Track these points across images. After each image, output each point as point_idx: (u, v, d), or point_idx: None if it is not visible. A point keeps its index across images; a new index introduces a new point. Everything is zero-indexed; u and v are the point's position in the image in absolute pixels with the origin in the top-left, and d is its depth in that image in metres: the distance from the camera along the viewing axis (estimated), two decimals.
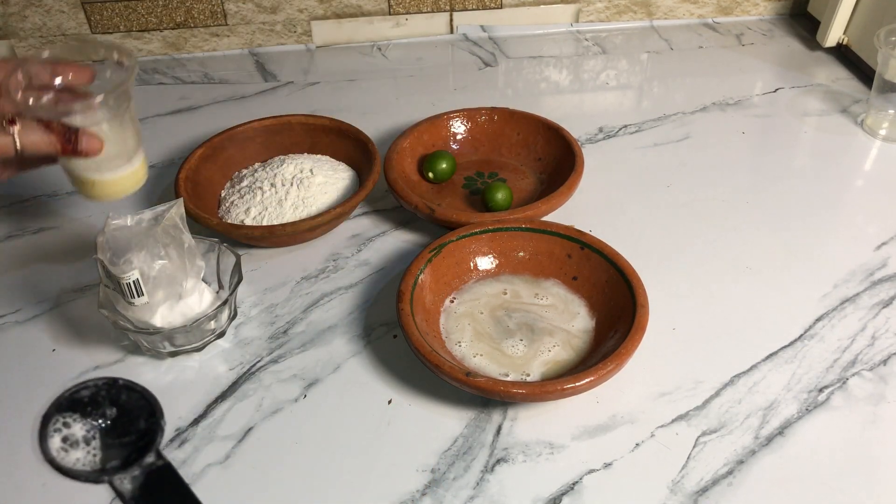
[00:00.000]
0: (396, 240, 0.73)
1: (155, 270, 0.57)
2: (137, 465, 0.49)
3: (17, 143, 0.50)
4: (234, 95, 0.96)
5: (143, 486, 0.48)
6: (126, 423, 0.52)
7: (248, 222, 0.71)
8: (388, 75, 1.00)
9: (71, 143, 0.52)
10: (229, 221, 0.71)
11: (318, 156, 0.79)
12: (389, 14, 1.05)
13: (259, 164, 0.78)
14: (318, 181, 0.73)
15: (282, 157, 0.78)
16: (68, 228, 0.75)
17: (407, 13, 1.05)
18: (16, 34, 1.00)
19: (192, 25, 1.02)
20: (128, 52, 0.56)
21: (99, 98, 0.53)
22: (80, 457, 0.50)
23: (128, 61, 0.57)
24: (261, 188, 0.73)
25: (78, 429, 0.52)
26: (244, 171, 0.77)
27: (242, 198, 0.73)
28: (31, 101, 0.52)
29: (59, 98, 0.54)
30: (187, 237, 0.59)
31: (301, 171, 0.74)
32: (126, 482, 0.48)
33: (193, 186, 0.73)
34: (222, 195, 0.76)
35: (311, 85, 0.98)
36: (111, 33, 1.01)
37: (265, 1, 1.01)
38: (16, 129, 0.50)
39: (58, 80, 0.54)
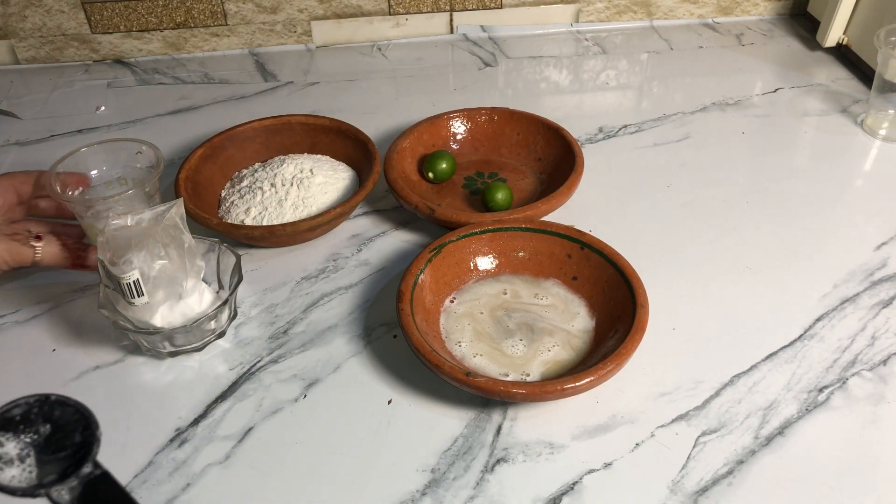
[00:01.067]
0: (396, 240, 0.73)
1: (155, 270, 0.57)
2: (75, 477, 0.49)
3: (37, 256, 0.60)
4: (234, 95, 0.96)
5: (81, 495, 0.49)
6: (61, 438, 0.52)
7: (249, 222, 0.70)
8: (388, 75, 1.00)
9: (81, 259, 0.62)
10: (229, 221, 0.71)
11: (319, 156, 0.79)
12: (389, 14, 1.05)
13: (259, 163, 0.78)
14: (318, 181, 0.73)
15: (282, 157, 0.77)
16: None
17: (407, 13, 1.05)
18: (16, 34, 1.00)
19: (192, 25, 1.02)
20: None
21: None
22: (15, 474, 0.50)
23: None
24: (261, 188, 0.72)
25: (11, 447, 0.52)
26: (244, 171, 0.77)
27: (242, 198, 0.72)
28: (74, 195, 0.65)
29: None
30: (187, 237, 0.59)
31: (301, 171, 0.73)
32: (64, 493, 0.49)
33: (193, 186, 0.73)
34: (222, 195, 0.75)
35: (311, 85, 0.98)
36: (111, 33, 1.01)
37: (265, 1, 1.01)
38: (40, 245, 0.60)
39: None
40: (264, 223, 0.70)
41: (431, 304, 0.62)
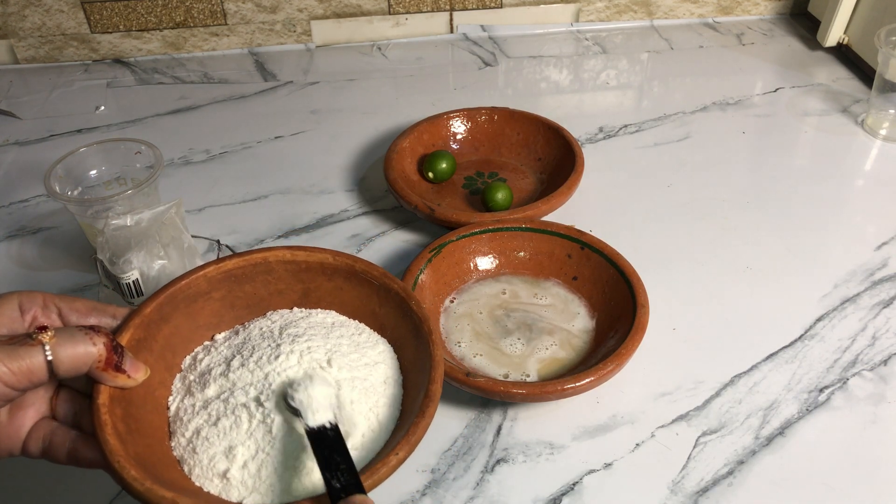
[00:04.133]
0: (396, 240, 0.73)
1: (155, 270, 0.57)
2: None
3: (49, 356, 0.36)
4: (234, 95, 0.96)
5: None
6: None
7: (239, 480, 0.41)
8: (388, 75, 1.00)
9: (119, 353, 0.40)
10: (203, 486, 0.41)
11: (323, 315, 0.50)
12: (389, 14, 1.05)
13: (224, 336, 0.49)
14: (347, 395, 0.44)
15: (264, 325, 0.49)
16: (68, 228, 0.74)
17: (407, 13, 1.05)
18: (15, 34, 1.00)
19: (192, 25, 1.02)
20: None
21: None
22: None
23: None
24: (245, 407, 0.43)
25: None
26: (202, 359, 0.47)
27: (216, 425, 0.43)
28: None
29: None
30: (187, 237, 0.59)
31: (312, 365, 0.45)
32: None
33: (125, 408, 0.41)
34: (172, 408, 0.45)
35: (310, 84, 0.98)
36: (110, 33, 1.01)
37: (265, 1, 1.01)
38: (48, 336, 0.37)
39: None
40: (267, 486, 0.41)
41: (431, 304, 0.62)
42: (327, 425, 0.40)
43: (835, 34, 0.99)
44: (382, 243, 0.73)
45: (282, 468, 0.41)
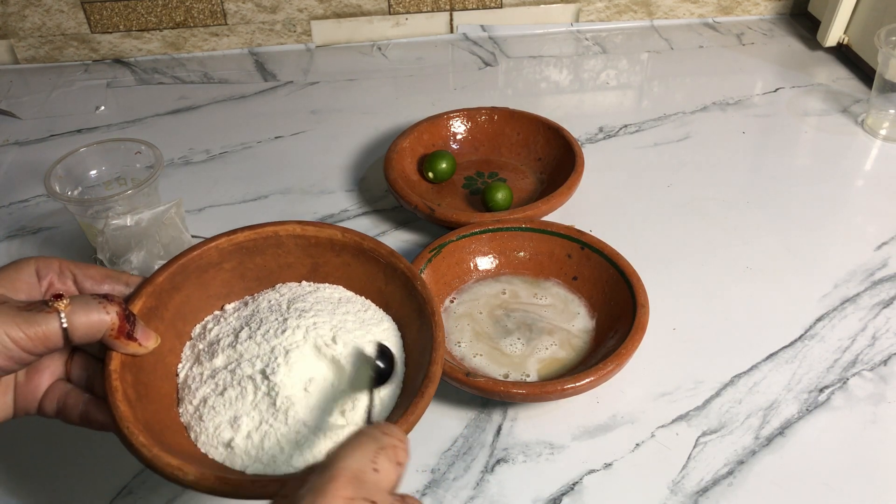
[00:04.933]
0: (396, 240, 0.73)
1: (154, 270, 0.57)
2: None
3: (64, 324, 0.38)
4: (234, 95, 0.96)
5: None
6: None
7: (244, 452, 0.42)
8: (388, 75, 1.00)
9: (131, 322, 0.41)
10: (211, 457, 0.42)
11: (329, 289, 0.51)
12: (389, 14, 1.05)
13: (234, 306, 0.50)
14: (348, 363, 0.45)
15: (270, 295, 0.50)
16: (68, 228, 0.74)
17: (407, 13, 1.05)
18: (15, 34, 1.00)
19: (192, 25, 1.02)
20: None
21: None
22: None
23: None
24: (251, 379, 0.44)
25: None
26: (211, 328, 0.48)
27: (223, 394, 0.44)
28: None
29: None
30: (187, 237, 0.59)
31: (318, 341, 0.46)
32: None
33: (136, 376, 0.42)
34: (181, 375, 0.46)
35: (310, 84, 0.98)
36: (110, 33, 1.01)
37: (265, 1, 1.01)
38: (63, 304, 0.38)
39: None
40: (269, 456, 0.42)
41: None
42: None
43: (835, 34, 0.99)
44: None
45: (284, 440, 0.42)
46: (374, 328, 0.48)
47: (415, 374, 0.46)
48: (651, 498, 0.51)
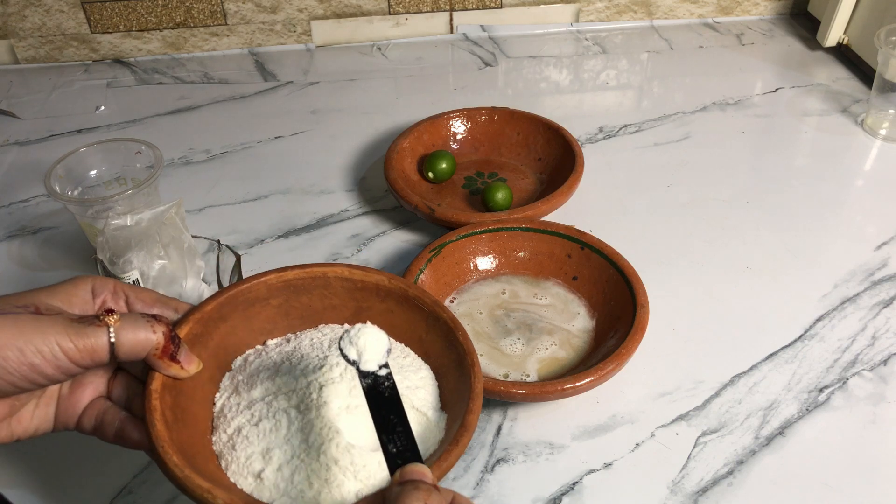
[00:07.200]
0: (396, 240, 0.73)
1: (155, 270, 0.57)
2: None
3: (112, 338, 0.39)
4: (234, 95, 0.96)
5: None
6: None
7: (272, 482, 0.42)
8: (388, 75, 1.00)
9: (176, 344, 0.42)
10: (237, 482, 0.42)
11: (374, 333, 0.45)
12: (389, 14, 1.05)
13: (276, 343, 0.50)
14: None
15: (315, 337, 0.50)
16: (68, 228, 0.75)
17: (407, 13, 1.05)
18: (15, 34, 1.00)
19: (192, 25, 1.02)
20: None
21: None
22: None
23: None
24: (286, 413, 0.44)
25: None
26: (252, 360, 0.49)
27: (258, 425, 0.44)
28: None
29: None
30: (187, 237, 0.59)
31: (353, 380, 0.45)
32: None
33: (174, 399, 0.43)
34: (217, 405, 0.46)
35: (310, 85, 0.98)
36: (110, 33, 1.01)
37: (265, 1, 1.01)
38: (113, 319, 0.39)
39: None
40: (297, 490, 0.42)
41: None
42: (382, 373, 0.41)
43: (835, 34, 0.99)
44: (382, 243, 0.73)
45: (314, 476, 0.42)
46: (412, 375, 0.48)
47: (451, 423, 0.46)
48: (651, 498, 0.51)
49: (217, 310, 0.47)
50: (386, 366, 0.42)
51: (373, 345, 0.42)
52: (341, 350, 0.42)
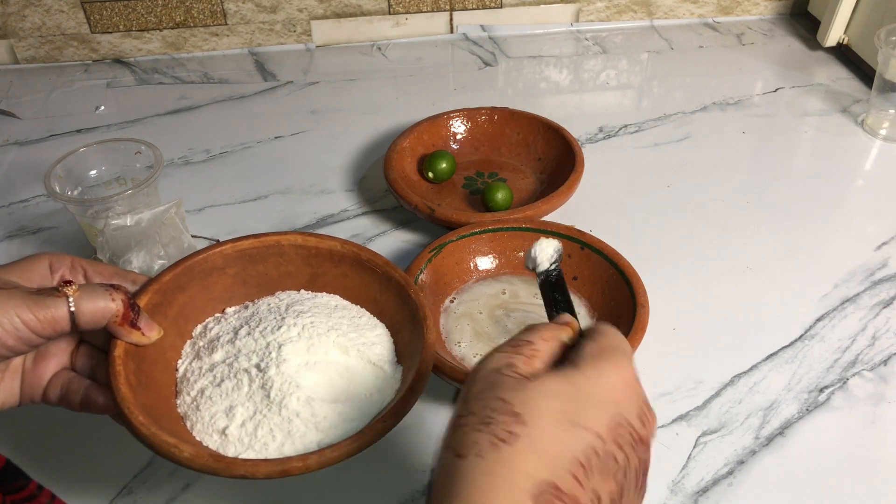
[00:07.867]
0: (396, 240, 0.73)
1: (155, 270, 0.57)
2: None
3: (72, 308, 0.39)
4: (234, 95, 0.96)
5: None
6: None
7: (238, 439, 0.44)
8: (388, 75, 1.00)
9: (135, 311, 0.43)
10: (208, 446, 0.44)
11: (326, 298, 0.53)
12: (389, 14, 1.05)
13: (234, 309, 0.52)
14: (334, 358, 0.48)
15: (272, 303, 0.52)
16: (68, 228, 0.74)
17: (407, 13, 1.05)
18: (15, 34, 1.00)
19: (192, 25, 1.02)
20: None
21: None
22: None
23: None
24: (247, 372, 0.46)
25: None
26: (212, 327, 0.50)
27: (220, 385, 0.46)
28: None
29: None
30: (187, 237, 0.59)
31: (312, 338, 0.48)
32: None
33: (137, 365, 0.44)
34: (180, 371, 0.48)
35: (310, 84, 0.98)
36: (110, 33, 1.01)
37: (265, 1, 1.01)
38: (72, 290, 0.40)
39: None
40: (261, 444, 0.44)
41: (431, 304, 0.62)
42: (552, 269, 0.46)
43: (835, 34, 0.99)
44: (382, 243, 0.73)
45: (277, 430, 0.44)
46: (368, 332, 0.50)
47: (407, 373, 0.48)
48: (651, 498, 0.51)
49: (174, 280, 0.49)
50: (556, 261, 0.47)
51: (544, 251, 0.47)
52: (527, 266, 0.48)
